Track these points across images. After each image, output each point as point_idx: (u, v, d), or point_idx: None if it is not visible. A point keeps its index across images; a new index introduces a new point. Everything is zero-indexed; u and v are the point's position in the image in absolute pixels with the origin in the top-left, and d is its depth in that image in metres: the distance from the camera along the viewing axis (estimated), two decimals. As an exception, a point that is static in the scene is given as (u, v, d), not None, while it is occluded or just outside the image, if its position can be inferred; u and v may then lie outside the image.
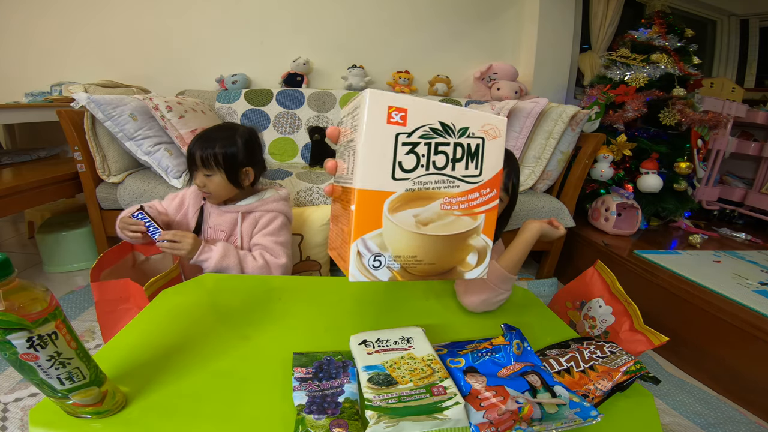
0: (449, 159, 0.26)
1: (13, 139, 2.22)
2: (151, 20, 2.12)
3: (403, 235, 0.27)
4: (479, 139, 0.27)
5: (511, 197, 0.78)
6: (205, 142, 0.94)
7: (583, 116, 1.54)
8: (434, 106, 0.26)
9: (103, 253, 0.89)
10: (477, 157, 0.27)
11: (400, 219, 0.26)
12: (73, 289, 1.49)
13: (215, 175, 0.94)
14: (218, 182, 0.95)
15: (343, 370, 0.48)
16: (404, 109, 0.26)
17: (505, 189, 0.76)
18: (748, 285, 1.29)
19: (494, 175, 0.28)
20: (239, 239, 0.99)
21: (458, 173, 0.26)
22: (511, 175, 0.75)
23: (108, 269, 0.90)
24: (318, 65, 2.27)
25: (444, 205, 0.27)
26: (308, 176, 1.54)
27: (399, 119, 0.26)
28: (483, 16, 2.34)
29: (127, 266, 0.98)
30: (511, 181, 0.76)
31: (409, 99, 0.26)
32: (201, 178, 0.95)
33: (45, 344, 0.35)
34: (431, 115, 0.26)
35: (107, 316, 0.82)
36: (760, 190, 2.16)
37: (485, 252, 0.29)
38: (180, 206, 1.05)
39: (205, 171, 0.94)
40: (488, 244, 0.29)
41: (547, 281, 1.61)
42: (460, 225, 0.27)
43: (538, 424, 0.40)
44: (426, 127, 0.26)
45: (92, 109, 1.34)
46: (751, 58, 2.78)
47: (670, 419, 1.03)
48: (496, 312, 0.69)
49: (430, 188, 0.26)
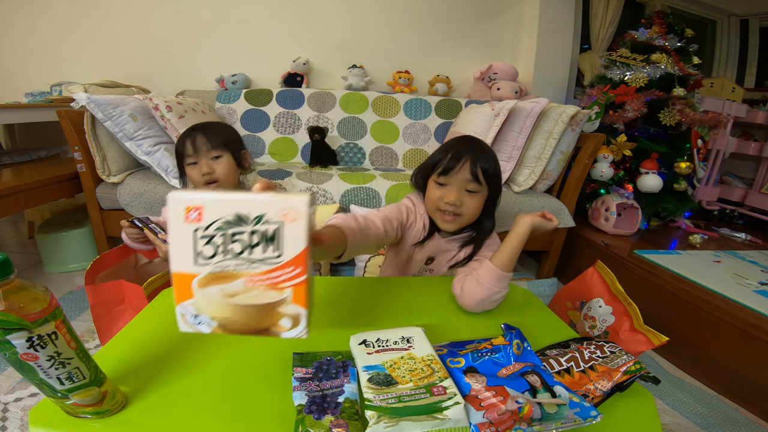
0: (246, 245, 0.30)
1: (13, 139, 2.22)
2: (151, 20, 2.12)
3: (213, 304, 0.31)
4: (277, 223, 0.30)
5: (490, 185, 0.78)
6: (203, 128, 0.93)
7: (583, 116, 1.54)
8: (230, 200, 0.30)
9: (98, 256, 0.88)
10: (275, 240, 0.30)
11: (208, 293, 0.31)
12: (73, 289, 1.49)
13: (224, 156, 0.93)
14: (227, 164, 0.94)
15: (343, 370, 0.48)
16: (200, 207, 0.30)
17: (475, 179, 0.76)
18: (748, 285, 1.29)
19: (297, 254, 0.30)
20: None
21: (256, 257, 0.30)
22: (478, 163, 0.75)
23: (107, 270, 0.89)
24: (318, 65, 2.27)
25: (247, 282, 0.31)
26: (308, 176, 1.54)
27: (195, 217, 0.30)
28: (483, 16, 2.34)
29: (129, 267, 0.97)
30: (479, 169, 0.75)
31: (207, 197, 0.30)
32: (207, 165, 0.93)
33: (45, 344, 0.35)
34: (226, 208, 0.30)
35: (102, 318, 0.81)
36: (760, 190, 2.16)
37: (299, 318, 0.32)
38: None
39: (213, 153, 0.92)
40: (300, 312, 0.32)
41: (547, 281, 1.61)
42: (266, 297, 0.31)
43: (538, 424, 0.40)
44: (221, 220, 0.30)
45: (92, 109, 1.34)
46: (751, 58, 2.78)
47: (670, 419, 1.03)
48: (496, 312, 0.69)
49: (230, 270, 0.31)
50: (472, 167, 0.76)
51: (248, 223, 0.30)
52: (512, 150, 1.59)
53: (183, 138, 0.94)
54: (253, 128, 2.01)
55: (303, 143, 2.00)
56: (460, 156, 0.77)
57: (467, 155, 0.76)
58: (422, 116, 2.10)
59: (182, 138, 0.94)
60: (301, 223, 0.30)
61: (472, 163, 0.76)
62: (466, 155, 0.77)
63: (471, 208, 0.79)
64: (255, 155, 2.00)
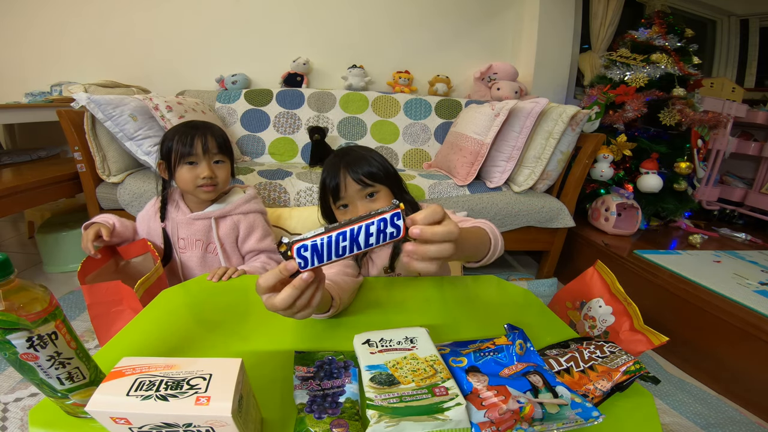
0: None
1: (13, 139, 2.22)
2: (151, 20, 2.12)
3: None
4: (207, 428, 0.31)
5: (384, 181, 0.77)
6: (203, 127, 0.89)
7: (583, 116, 1.54)
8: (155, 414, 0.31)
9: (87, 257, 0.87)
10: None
11: None
12: (73, 289, 1.49)
13: (226, 163, 0.91)
14: (227, 170, 0.92)
15: (345, 370, 0.48)
16: (125, 418, 0.31)
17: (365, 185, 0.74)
18: (748, 285, 1.29)
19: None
20: (218, 246, 0.95)
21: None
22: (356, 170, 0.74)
23: (92, 273, 0.87)
24: (318, 65, 2.27)
25: None
26: (308, 176, 1.54)
27: (124, 422, 0.31)
28: (483, 16, 2.34)
29: (110, 271, 0.94)
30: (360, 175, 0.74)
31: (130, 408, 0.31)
32: (209, 168, 0.88)
33: (45, 344, 0.35)
34: (152, 419, 0.31)
35: (101, 318, 0.81)
36: (760, 190, 2.16)
37: None
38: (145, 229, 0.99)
39: (218, 157, 0.90)
40: None
41: (547, 281, 1.61)
42: None
43: (539, 424, 0.40)
44: (150, 425, 0.31)
45: (92, 109, 1.34)
46: (751, 58, 2.78)
47: (670, 419, 1.03)
48: (497, 312, 0.69)
49: None
50: (353, 176, 0.74)
51: (179, 427, 0.31)
52: (512, 150, 1.59)
53: (185, 135, 0.87)
54: (253, 128, 2.01)
55: (303, 143, 2.00)
56: (337, 174, 0.75)
57: (341, 169, 0.75)
58: (422, 116, 2.10)
59: (183, 135, 0.88)
60: (230, 429, 0.31)
61: (351, 173, 0.74)
62: (341, 170, 0.75)
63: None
64: (255, 155, 2.00)
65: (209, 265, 0.97)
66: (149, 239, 0.96)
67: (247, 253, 0.99)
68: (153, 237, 0.97)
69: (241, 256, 1.00)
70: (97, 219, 0.93)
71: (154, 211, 0.97)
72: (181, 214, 0.94)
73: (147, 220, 0.99)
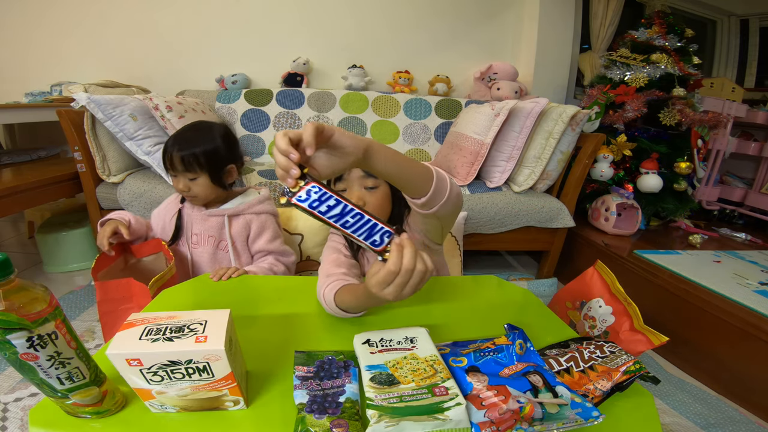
0: (184, 374, 0.39)
1: (13, 139, 2.22)
2: (151, 20, 2.12)
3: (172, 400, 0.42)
4: (204, 362, 0.39)
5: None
6: (183, 143, 0.89)
7: (583, 116, 1.54)
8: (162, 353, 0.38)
9: (101, 253, 0.88)
10: (206, 370, 0.39)
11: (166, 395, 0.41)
12: (73, 289, 1.49)
13: (200, 178, 0.90)
14: (203, 184, 0.91)
15: (345, 370, 0.48)
16: (137, 359, 0.37)
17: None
18: (748, 285, 1.29)
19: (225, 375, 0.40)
20: (229, 243, 0.96)
21: (195, 379, 0.40)
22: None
23: (103, 270, 0.89)
24: (318, 65, 2.27)
25: (194, 388, 0.41)
26: (308, 176, 1.54)
27: (136, 363, 0.38)
28: (483, 16, 2.34)
29: (119, 268, 0.95)
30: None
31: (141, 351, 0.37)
32: (184, 183, 0.90)
33: (45, 344, 0.35)
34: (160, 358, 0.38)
35: (108, 315, 0.81)
36: (760, 190, 2.16)
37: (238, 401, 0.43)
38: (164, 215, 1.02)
39: (188, 175, 0.89)
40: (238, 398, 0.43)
41: (547, 281, 1.61)
42: (210, 394, 0.42)
43: (539, 424, 0.40)
44: (158, 364, 0.38)
45: (92, 109, 1.34)
46: (751, 58, 2.78)
47: (670, 419, 1.03)
48: (497, 312, 0.69)
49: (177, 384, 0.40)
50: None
51: (182, 364, 0.38)
52: (512, 150, 1.59)
53: (164, 149, 0.91)
54: (253, 128, 2.01)
55: (303, 143, 2.00)
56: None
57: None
58: (422, 116, 2.10)
59: (164, 149, 0.91)
60: (223, 361, 0.39)
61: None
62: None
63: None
64: (255, 155, 2.00)
65: (219, 262, 0.99)
66: (162, 236, 0.99)
67: (256, 252, 1.00)
68: (166, 231, 1.00)
69: (250, 255, 1.01)
70: (113, 216, 0.94)
71: (174, 206, 1.01)
72: (197, 210, 0.97)
73: (162, 216, 1.01)
